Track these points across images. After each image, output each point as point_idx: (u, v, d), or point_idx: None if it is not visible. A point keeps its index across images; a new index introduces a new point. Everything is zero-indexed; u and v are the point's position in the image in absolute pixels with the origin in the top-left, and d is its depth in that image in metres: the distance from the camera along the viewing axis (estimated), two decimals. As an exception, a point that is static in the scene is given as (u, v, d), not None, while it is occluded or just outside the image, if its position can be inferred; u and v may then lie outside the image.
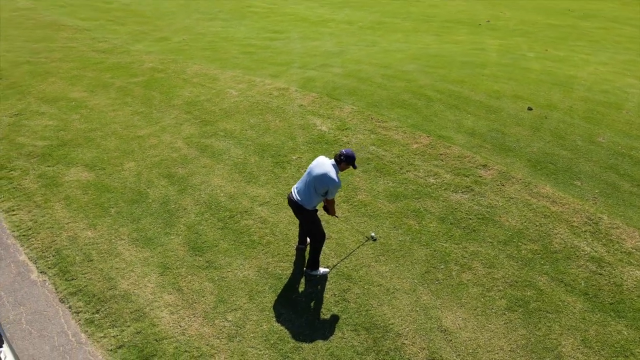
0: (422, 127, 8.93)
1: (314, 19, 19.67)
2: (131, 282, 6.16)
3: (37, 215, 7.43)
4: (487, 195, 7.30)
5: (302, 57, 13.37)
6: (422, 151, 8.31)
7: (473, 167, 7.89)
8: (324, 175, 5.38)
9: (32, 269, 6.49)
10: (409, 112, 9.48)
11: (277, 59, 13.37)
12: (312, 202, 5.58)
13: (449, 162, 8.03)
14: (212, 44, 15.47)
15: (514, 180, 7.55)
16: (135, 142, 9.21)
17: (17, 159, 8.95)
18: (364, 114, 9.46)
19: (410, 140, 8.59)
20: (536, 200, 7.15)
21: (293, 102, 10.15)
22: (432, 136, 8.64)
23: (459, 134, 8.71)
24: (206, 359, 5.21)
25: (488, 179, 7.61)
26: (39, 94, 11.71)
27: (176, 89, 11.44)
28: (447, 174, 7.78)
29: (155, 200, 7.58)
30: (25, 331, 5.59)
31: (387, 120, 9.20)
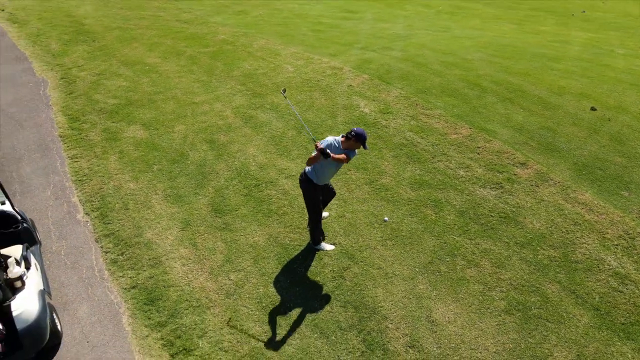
0: (466, 117, 8.60)
1: (393, 0, 19.27)
2: (155, 232, 6.75)
3: (94, 164, 8.31)
4: (517, 194, 6.95)
5: (367, 39, 13.27)
6: (460, 142, 8.04)
7: (510, 164, 7.51)
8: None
9: (79, 209, 7.32)
10: (457, 101, 9.16)
11: (342, 38, 13.41)
12: (316, 176, 5.72)
13: (486, 156, 7.70)
14: (285, 20, 15.83)
15: (551, 182, 7.09)
16: (190, 107, 9.86)
17: (90, 113, 9.99)
18: (410, 99, 9.30)
19: (450, 130, 8.33)
20: (570, 206, 6.68)
21: (343, 82, 10.21)
22: (474, 128, 8.31)
23: (504, 129, 8.29)
24: (202, 309, 5.63)
25: (523, 178, 7.21)
26: (121, 57, 12.82)
27: (239, 61, 11.95)
28: (480, 168, 7.48)
29: (193, 162, 8.14)
30: (62, 262, 6.39)
31: (431, 107, 8.97)
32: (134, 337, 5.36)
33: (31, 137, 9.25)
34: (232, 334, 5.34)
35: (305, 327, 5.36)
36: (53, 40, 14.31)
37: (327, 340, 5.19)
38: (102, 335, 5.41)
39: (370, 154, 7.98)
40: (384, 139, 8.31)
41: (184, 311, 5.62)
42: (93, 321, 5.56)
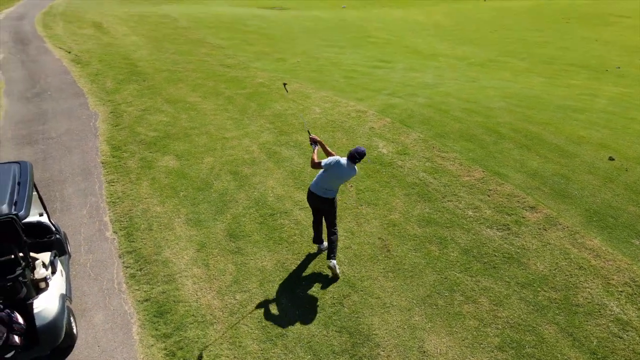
0: (481, 161, 8.81)
1: (428, 52, 19.98)
2: (173, 252, 7.24)
3: (128, 188, 9.04)
4: (524, 236, 7.01)
5: (396, 86, 13.85)
6: (472, 184, 8.23)
7: (520, 207, 7.61)
8: (351, 173, 6.38)
9: (109, 228, 7.96)
10: (474, 146, 9.40)
11: (372, 85, 14.04)
12: (336, 192, 6.51)
13: (496, 198, 7.84)
14: (321, 67, 16.74)
15: (559, 227, 7.12)
16: (220, 142, 10.58)
17: (131, 143, 10.89)
18: (428, 142, 9.63)
19: (463, 173, 8.55)
20: (577, 251, 6.68)
21: (366, 124, 10.70)
22: (488, 171, 8.49)
23: (517, 173, 8.42)
24: (206, 325, 5.97)
25: (531, 221, 7.29)
26: (166, 96, 13.94)
27: (271, 102, 12.74)
28: (488, 209, 7.62)
29: (216, 190, 8.70)
30: (87, 273, 6.95)
31: (448, 151, 9.25)
32: (140, 346, 5.74)
33: (77, 163, 10.16)
34: (230, 350, 5.62)
35: (300, 348, 5.57)
36: (109, 79, 15.74)
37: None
38: (112, 341, 5.82)
39: (383, 191, 8.29)
40: (398, 178, 8.61)
41: (189, 325, 5.98)
42: (106, 328, 6.00)
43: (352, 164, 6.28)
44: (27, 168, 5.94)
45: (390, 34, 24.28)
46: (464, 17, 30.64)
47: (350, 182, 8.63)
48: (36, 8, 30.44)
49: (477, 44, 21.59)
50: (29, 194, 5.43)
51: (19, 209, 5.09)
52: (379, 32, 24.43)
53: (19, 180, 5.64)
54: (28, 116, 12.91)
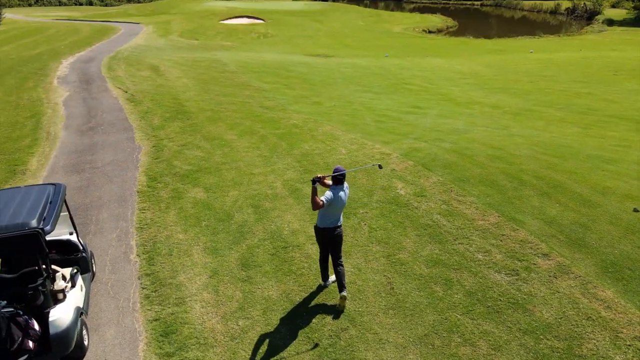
0: (498, 206, 8.79)
1: (463, 100, 20.16)
2: (188, 277, 7.62)
3: (156, 216, 9.64)
4: (532, 283, 6.90)
5: (424, 131, 14.08)
6: (485, 228, 8.21)
7: (532, 253, 7.50)
8: (346, 193, 6.85)
9: (134, 251, 8.50)
10: (493, 191, 9.39)
11: (400, 129, 14.35)
12: (319, 218, 6.79)
13: (508, 244, 7.78)
14: (354, 111, 17.28)
15: (571, 276, 6.95)
16: (247, 177, 11.11)
17: (166, 175, 11.64)
18: (447, 186, 9.72)
19: (478, 217, 8.55)
20: (587, 301, 6.48)
21: (387, 166, 10.94)
22: (503, 217, 8.45)
23: (534, 220, 8.33)
24: (207, 347, 6.21)
25: (542, 268, 7.16)
26: (205, 133, 14.82)
27: (301, 142, 13.28)
28: (499, 254, 7.56)
29: (236, 222, 9.13)
30: (107, 291, 7.44)
31: (465, 194, 9.30)
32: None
33: (115, 190, 10.96)
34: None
35: (292, 377, 5.68)
36: (156, 117, 16.95)
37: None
38: (119, 356, 6.16)
39: (395, 230, 8.41)
40: (412, 219, 8.73)
41: (191, 346, 6.25)
42: (115, 343, 6.37)
43: (342, 185, 6.69)
44: (60, 190, 6.59)
45: (427, 81, 24.72)
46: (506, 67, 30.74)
47: (364, 220, 8.82)
48: (104, 53, 33.33)
49: (514, 94, 21.54)
50: (57, 213, 6.03)
51: (46, 224, 5.67)
52: (416, 80, 24.94)
53: (51, 200, 6.28)
54: (80, 147, 14.09)
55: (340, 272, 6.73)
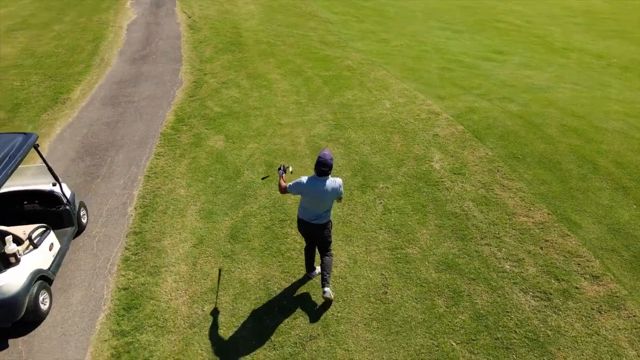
0: (551, 199, 7.00)
1: (559, 45, 16.87)
2: (172, 242, 7.01)
3: (168, 164, 9.05)
4: (566, 315, 5.35)
5: (494, 85, 11.84)
6: (525, 228, 6.56)
7: (578, 272, 5.83)
8: (333, 187, 5.33)
9: (132, 203, 8.02)
10: (552, 177, 7.51)
11: (466, 81, 12.21)
12: (329, 214, 5.58)
13: (550, 254, 6.13)
14: (422, 54, 15.12)
15: (624, 313, 5.28)
16: (273, 127, 10.06)
17: (195, 117, 10.94)
18: (494, 163, 7.96)
19: (521, 211, 6.87)
20: (635, 353, 4.87)
21: (431, 129, 9.27)
22: (554, 215, 6.70)
23: (595, 225, 6.50)
24: (163, 332, 5.62)
25: (586, 296, 5.53)
26: (251, 70, 13.79)
27: (345, 89, 11.80)
28: (534, 267, 5.98)
29: (242, 182, 8.26)
30: (91, 247, 7.06)
31: (514, 178, 7.54)
32: (95, 338, 5.61)
33: (140, 130, 10.51)
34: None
35: (237, 388, 4.93)
36: (209, 47, 16.15)
37: (245, 412, 4.69)
38: (76, 326, 5.78)
39: (413, 216, 7.04)
40: (438, 203, 7.25)
41: (148, 328, 5.69)
42: (77, 310, 5.99)
43: (326, 178, 5.26)
44: (26, 142, 6.03)
45: (523, 18, 21.03)
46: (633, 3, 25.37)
47: (381, 197, 7.51)
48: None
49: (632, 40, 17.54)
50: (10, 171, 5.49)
51: (-14, 185, 5.15)
52: (510, 16, 21.34)
53: (11, 154, 5.75)
54: (125, 77, 13.80)
55: (327, 263, 5.66)
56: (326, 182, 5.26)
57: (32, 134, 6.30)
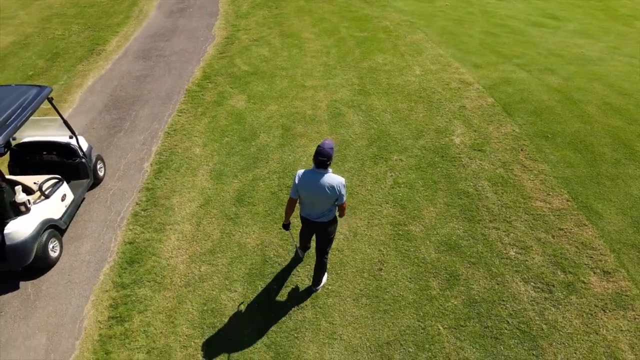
0: (574, 184, 6.52)
1: (625, 11, 15.29)
2: (180, 201, 7.13)
3: (188, 122, 9.12)
4: (566, 309, 5.05)
5: (539, 54, 10.96)
6: (540, 214, 6.17)
7: (588, 266, 5.46)
8: (333, 182, 4.65)
9: (149, 159, 8.19)
10: (581, 160, 6.97)
11: (508, 48, 11.37)
12: (334, 212, 4.97)
13: (562, 243, 5.76)
14: (466, 16, 14.18)
15: (630, 314, 4.93)
16: (296, 90, 9.85)
17: (221, 75, 10.89)
18: (520, 141, 7.46)
19: (540, 195, 6.44)
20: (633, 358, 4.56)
21: (459, 100, 8.76)
22: (575, 202, 6.25)
23: (619, 215, 6.01)
24: (159, 288, 5.80)
25: (592, 292, 5.19)
26: (284, 28, 13.46)
27: (377, 52, 11.31)
28: (541, 255, 5.65)
29: (257, 144, 8.20)
30: (105, 200, 7.31)
31: (538, 159, 7.05)
32: (98, 287, 5.88)
33: (167, 85, 10.59)
34: (162, 322, 5.38)
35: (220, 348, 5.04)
36: (246, 3, 15.88)
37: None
38: (81, 275, 6.07)
39: (422, 192, 6.77)
40: (451, 180, 6.92)
41: (146, 283, 5.89)
42: (84, 260, 6.28)
43: (325, 171, 4.63)
44: (40, 95, 6.17)
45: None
46: None
47: (394, 170, 7.25)
48: None
49: None
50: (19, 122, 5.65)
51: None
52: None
53: (25, 105, 5.91)
54: (160, 31, 13.84)
55: (321, 265, 5.34)
56: (324, 176, 4.63)
57: (46, 86, 6.44)
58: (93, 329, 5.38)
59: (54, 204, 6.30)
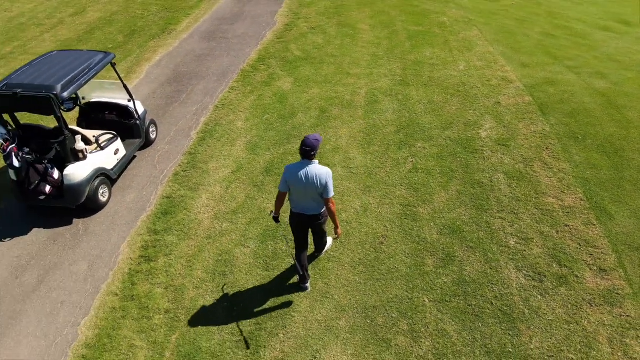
0: (592, 186, 6.49)
1: None
2: (216, 166, 7.88)
3: (237, 98, 9.89)
4: (552, 299, 5.18)
5: (595, 58, 10.62)
6: (550, 210, 6.24)
7: (586, 262, 5.52)
8: (320, 173, 4.84)
9: (197, 128, 9.03)
10: (606, 163, 6.89)
11: (563, 51, 11.09)
12: (322, 205, 5.11)
13: (564, 239, 5.83)
14: (528, 17, 13.87)
15: (616, 311, 4.97)
16: (340, 76, 10.32)
17: (274, 58, 11.59)
18: (547, 140, 7.47)
19: (553, 192, 6.49)
20: (610, 351, 4.64)
21: (495, 97, 8.82)
22: (588, 202, 6.25)
23: (630, 220, 5.96)
24: (184, 237, 6.56)
25: (584, 286, 5.27)
26: (343, 18, 13.92)
27: (426, 46, 11.48)
28: (541, 248, 5.76)
29: (293, 123, 8.78)
30: (153, 160, 8.22)
31: (560, 159, 7.05)
32: (134, 231, 6.75)
33: (224, 65, 11.46)
34: (182, 267, 6.12)
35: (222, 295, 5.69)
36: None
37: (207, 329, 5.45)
38: (123, 219, 6.98)
39: (438, 179, 7.03)
40: (468, 170, 7.11)
41: (175, 232, 6.67)
42: (128, 207, 7.19)
43: (309, 161, 4.84)
44: (105, 59, 7.13)
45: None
46: None
47: (415, 156, 7.54)
48: None
49: None
50: (85, 81, 6.60)
51: (64, 90, 6.29)
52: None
53: (91, 67, 6.87)
54: (227, 15, 14.81)
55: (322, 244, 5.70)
56: (309, 167, 4.82)
57: (111, 53, 7.40)
58: (125, 264, 6.23)
59: (107, 156, 7.26)
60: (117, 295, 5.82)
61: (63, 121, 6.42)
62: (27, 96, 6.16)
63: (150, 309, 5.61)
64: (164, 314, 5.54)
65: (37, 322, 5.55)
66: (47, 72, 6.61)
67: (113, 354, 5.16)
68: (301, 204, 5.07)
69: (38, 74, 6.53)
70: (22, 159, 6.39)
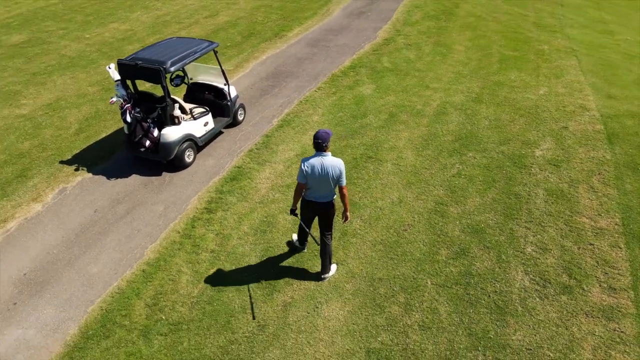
0: (633, 214, 6.38)
1: None
2: (284, 148, 8.99)
3: (319, 97, 10.99)
4: (549, 304, 5.33)
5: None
6: (578, 228, 6.28)
7: (597, 279, 5.54)
8: (334, 164, 5.33)
9: (279, 117, 10.28)
10: (657, 195, 6.68)
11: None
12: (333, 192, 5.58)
13: (584, 256, 5.87)
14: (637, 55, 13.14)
15: (611, 326, 5.00)
16: (419, 88, 10.91)
17: (364, 67, 12.54)
18: (602, 166, 7.38)
19: (589, 213, 6.49)
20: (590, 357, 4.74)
21: (564, 122, 8.79)
22: (623, 227, 6.18)
23: (663, 250, 5.80)
24: (242, 200, 7.70)
25: (587, 299, 5.33)
26: (441, 39, 14.44)
27: (513, 70, 11.57)
28: (556, 259, 5.88)
29: (361, 123, 9.61)
30: (235, 137, 9.61)
31: (609, 185, 6.96)
32: (205, 189, 8.08)
33: (318, 68, 12.69)
34: (234, 222, 7.24)
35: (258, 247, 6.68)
36: (420, 13, 17.21)
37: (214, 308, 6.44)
38: (199, 179, 8.37)
39: (477, 185, 7.35)
40: (510, 182, 7.33)
41: (236, 194, 7.87)
42: (206, 171, 8.59)
43: (324, 153, 5.30)
44: (209, 47, 8.66)
45: None
46: None
47: (463, 164, 7.92)
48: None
49: None
50: (189, 61, 8.14)
51: (171, 66, 7.87)
52: None
53: (195, 51, 8.43)
54: (335, 27, 16.15)
55: (326, 250, 5.85)
56: (325, 158, 5.27)
57: (215, 42, 8.94)
58: (191, 211, 7.55)
59: (198, 126, 8.75)
60: (179, 233, 7.13)
61: (167, 91, 8.00)
62: (144, 67, 7.84)
63: (200, 247, 6.81)
64: (209, 253, 6.70)
65: (118, 240, 7.05)
66: (163, 51, 8.29)
67: (164, 274, 6.41)
68: (316, 192, 5.49)
69: (156, 52, 8.23)
70: (133, 116, 8.09)
